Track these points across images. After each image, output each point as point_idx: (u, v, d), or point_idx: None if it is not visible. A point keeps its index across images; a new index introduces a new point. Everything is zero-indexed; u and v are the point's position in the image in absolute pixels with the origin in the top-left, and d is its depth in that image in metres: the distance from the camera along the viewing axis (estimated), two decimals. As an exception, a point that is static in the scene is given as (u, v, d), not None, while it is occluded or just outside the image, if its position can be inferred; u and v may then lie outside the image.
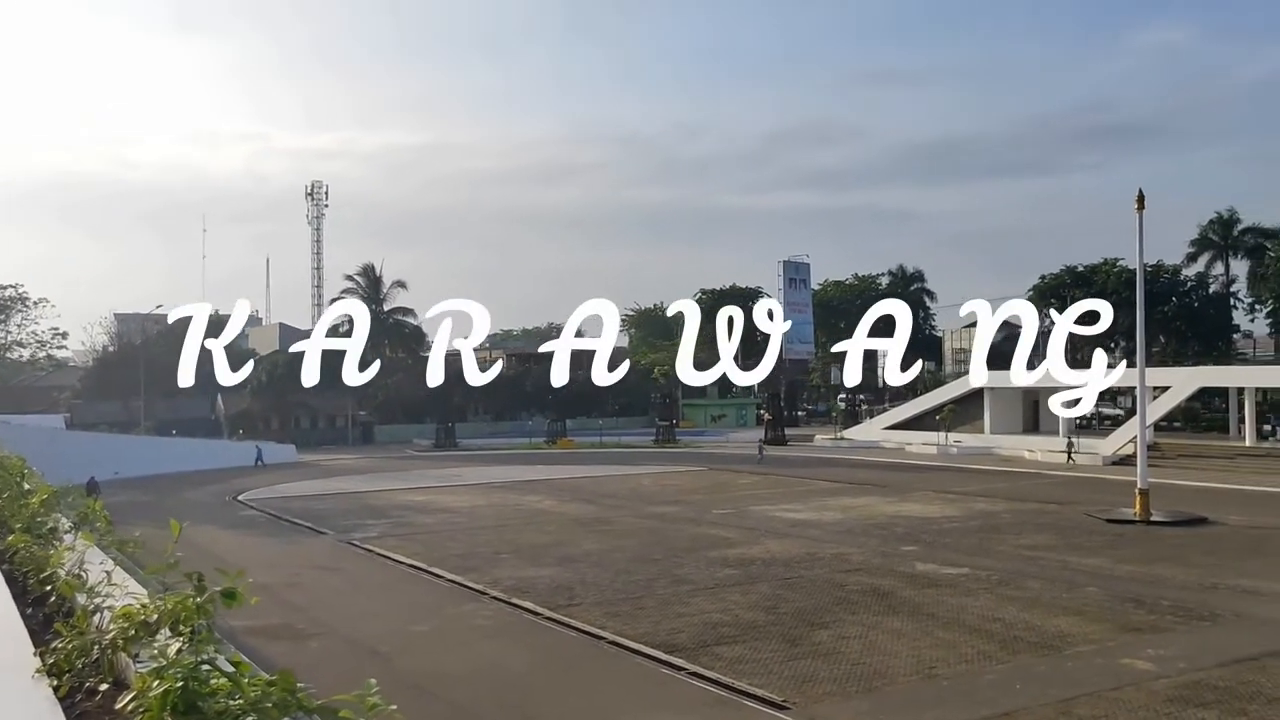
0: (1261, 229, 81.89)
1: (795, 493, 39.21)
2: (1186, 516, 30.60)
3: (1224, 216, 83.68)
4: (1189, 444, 53.19)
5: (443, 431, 71.08)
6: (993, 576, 21.87)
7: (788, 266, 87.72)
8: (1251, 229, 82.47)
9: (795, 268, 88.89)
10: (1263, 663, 15.08)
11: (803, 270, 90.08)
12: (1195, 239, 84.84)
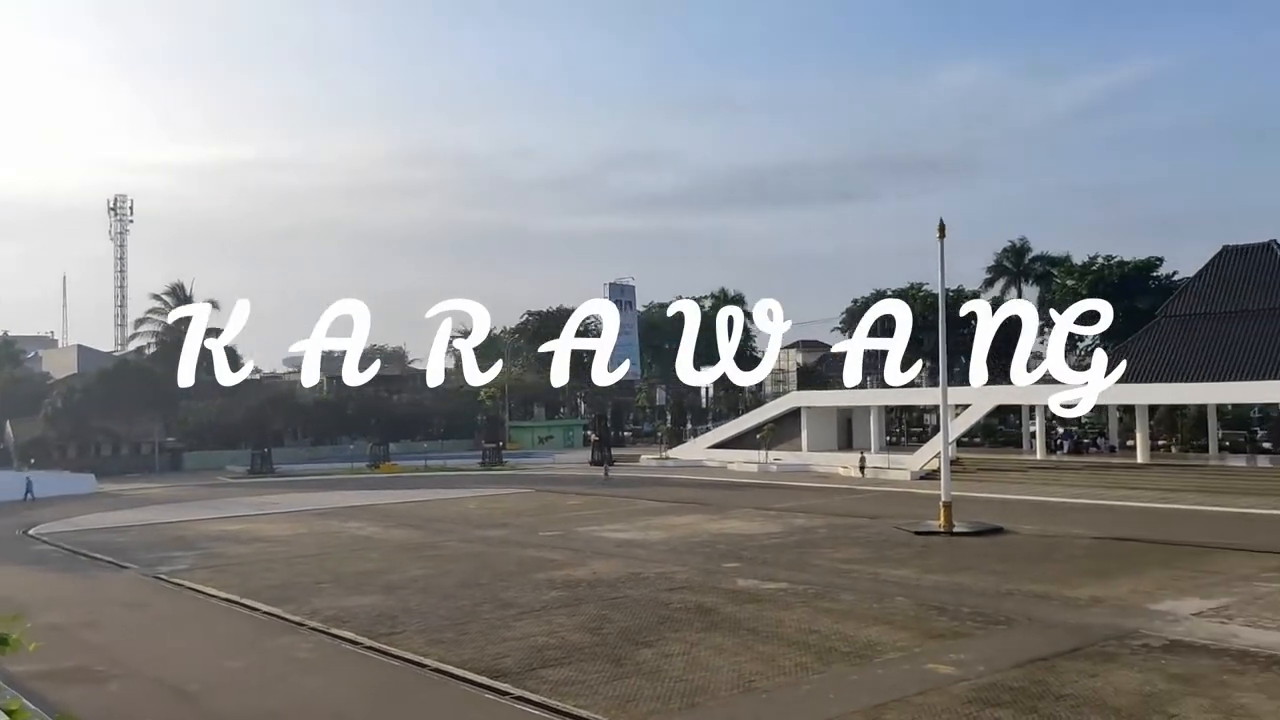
0: (1049, 257, 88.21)
1: (621, 513, 39.58)
2: (985, 527, 32.52)
3: (1016, 245, 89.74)
4: (988, 458, 56.57)
5: (258, 457, 68.23)
6: (810, 590, 22.66)
7: (613, 289, 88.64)
8: (1040, 257, 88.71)
9: (620, 290, 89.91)
10: (1052, 663, 16.18)
11: (628, 293, 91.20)
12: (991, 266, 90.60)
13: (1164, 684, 14.90)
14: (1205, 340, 51.35)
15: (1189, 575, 23.86)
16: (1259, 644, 17.22)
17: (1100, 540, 29.97)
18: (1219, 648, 17.02)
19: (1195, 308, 54.07)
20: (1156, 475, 47.32)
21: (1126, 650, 16.98)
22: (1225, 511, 37.02)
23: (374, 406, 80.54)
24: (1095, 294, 77.10)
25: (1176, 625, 18.74)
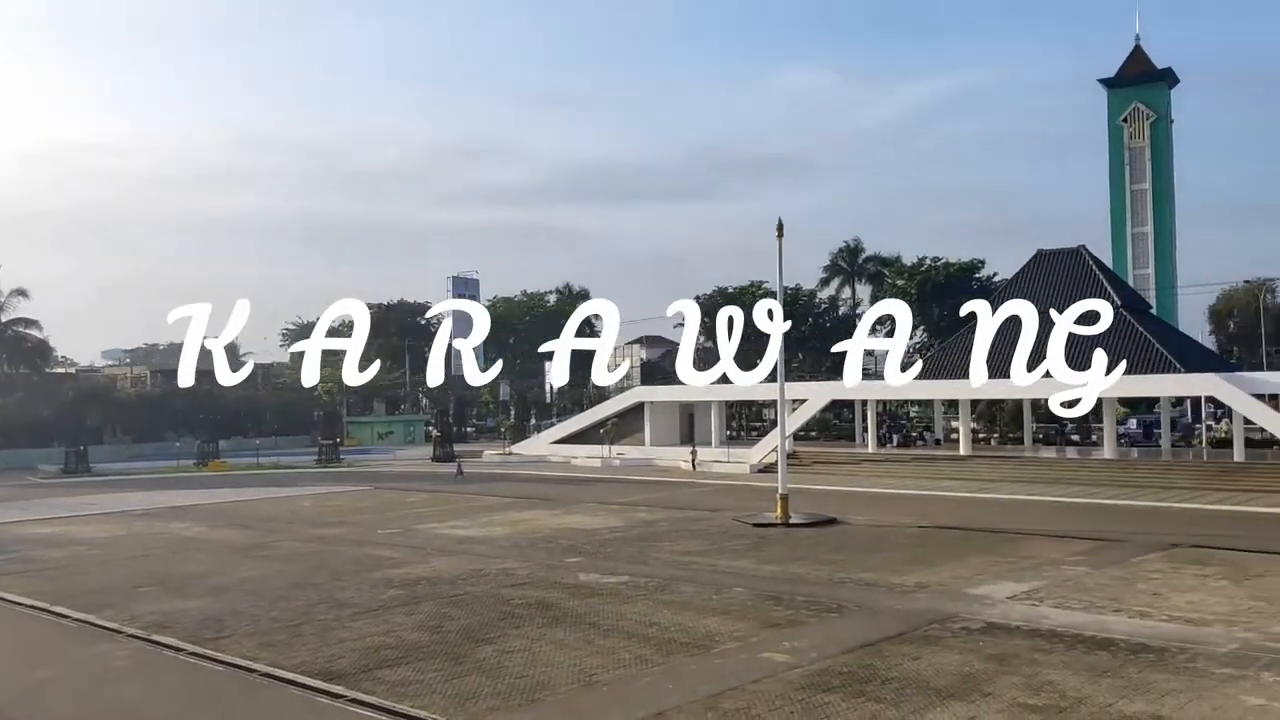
0: (881, 258, 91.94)
1: (463, 509, 39.11)
2: (820, 518, 33.60)
3: (851, 245, 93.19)
4: (823, 451, 58.45)
5: (74, 455, 64.26)
6: (650, 583, 22.91)
7: (457, 282, 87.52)
8: (873, 257, 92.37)
9: (465, 283, 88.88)
10: (879, 647, 16.84)
11: (472, 286, 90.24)
12: (828, 265, 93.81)
13: (981, 664, 15.71)
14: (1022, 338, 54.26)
15: (1005, 561, 25.23)
16: (1066, 624, 18.36)
17: (926, 529, 31.37)
18: (1030, 629, 18.06)
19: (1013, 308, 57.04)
20: (977, 466, 49.88)
21: (948, 633, 17.82)
22: (1038, 500, 39.33)
23: (203, 402, 77.04)
24: (923, 294, 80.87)
25: (993, 608, 19.79)
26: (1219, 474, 43.91)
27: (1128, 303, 55.48)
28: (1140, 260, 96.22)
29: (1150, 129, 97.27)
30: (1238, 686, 14.39)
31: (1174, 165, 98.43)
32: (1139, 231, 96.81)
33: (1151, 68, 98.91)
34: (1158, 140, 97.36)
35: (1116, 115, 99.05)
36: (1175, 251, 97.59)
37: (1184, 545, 27.25)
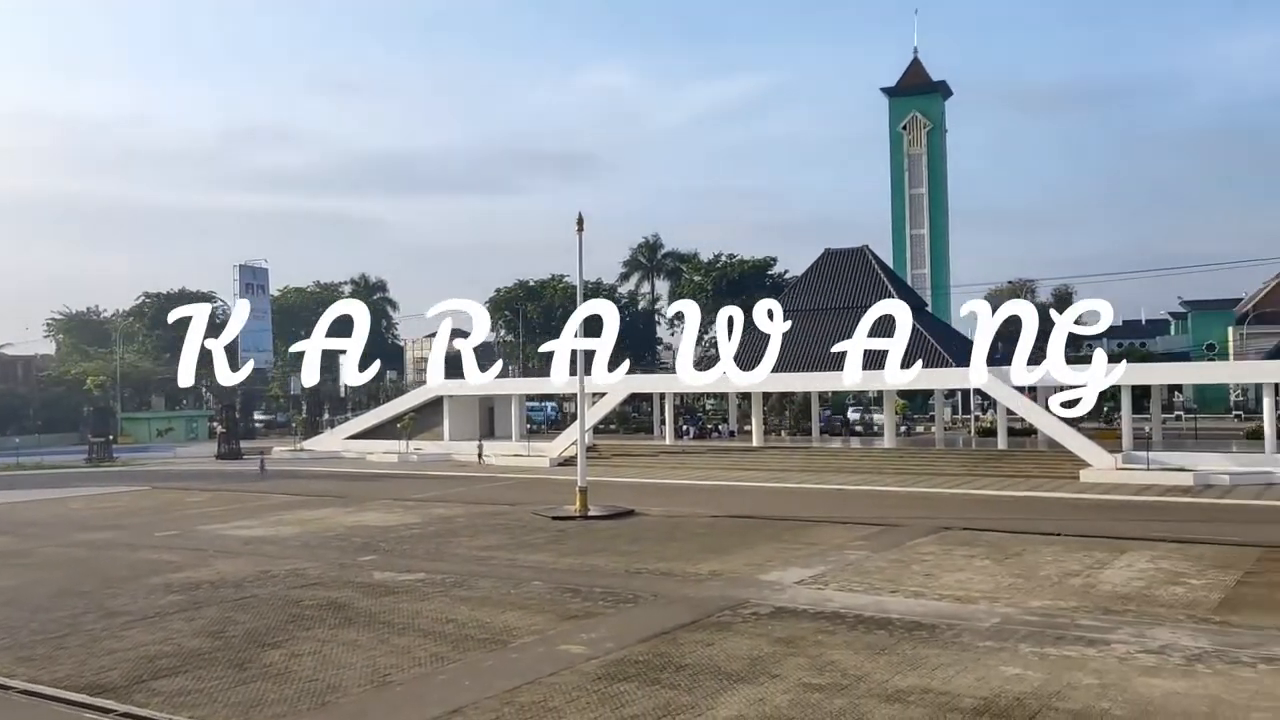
0: (679, 254, 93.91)
1: (249, 509, 37.41)
2: (618, 510, 34.03)
3: (650, 241, 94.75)
4: (622, 444, 59.27)
5: None
6: (448, 579, 22.59)
7: (244, 271, 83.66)
8: (671, 254, 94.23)
9: (253, 272, 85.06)
10: (674, 635, 17.21)
11: (261, 275, 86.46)
12: (627, 260, 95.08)
13: (770, 647, 16.31)
14: (811, 333, 56.77)
15: (794, 547, 26.29)
16: (848, 606, 19.31)
17: (720, 518, 32.30)
18: (816, 611, 18.89)
19: (802, 304, 59.61)
20: (769, 457, 51.78)
21: (739, 619, 18.40)
22: (825, 488, 41.21)
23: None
24: (719, 290, 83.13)
25: (782, 593, 20.58)
26: (985, 461, 47.23)
27: (906, 301, 58.84)
28: (918, 260, 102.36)
29: (927, 137, 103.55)
30: (998, 658, 15.52)
31: (948, 172, 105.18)
32: (917, 233, 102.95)
33: (928, 79, 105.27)
34: (933, 148, 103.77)
35: (897, 123, 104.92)
36: (949, 253, 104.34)
37: (954, 528, 29.16)
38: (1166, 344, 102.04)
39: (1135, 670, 14.75)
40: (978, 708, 13.15)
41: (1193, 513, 32.40)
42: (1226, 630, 17.05)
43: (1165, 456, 42.95)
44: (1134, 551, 24.74)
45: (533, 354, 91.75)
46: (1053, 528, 28.85)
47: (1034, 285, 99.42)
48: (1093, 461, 42.53)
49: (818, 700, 13.56)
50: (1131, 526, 29.09)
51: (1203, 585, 20.71)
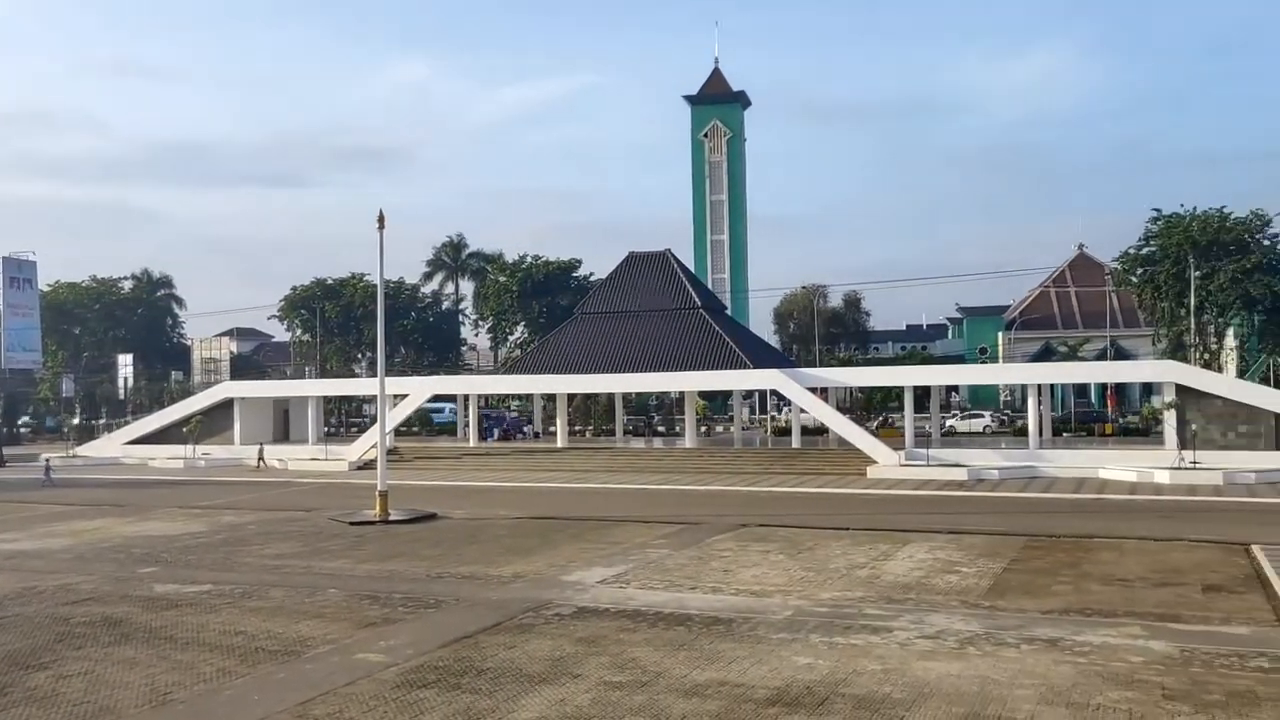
0: (484, 254, 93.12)
1: (14, 520, 34.57)
2: (420, 514, 33.41)
3: (454, 241, 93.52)
4: (425, 446, 58.20)
5: None
6: (237, 590, 21.58)
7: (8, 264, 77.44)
8: (476, 254, 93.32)
9: (18, 265, 78.85)
10: (476, 639, 17.04)
11: (27, 269, 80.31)
12: (431, 260, 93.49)
13: (572, 647, 16.38)
14: (615, 335, 57.47)
15: (597, 547, 26.52)
16: (649, 603, 19.64)
17: (523, 520, 32.21)
18: (618, 610, 19.11)
19: (607, 306, 60.27)
20: (573, 458, 52.04)
21: (541, 620, 18.40)
22: (628, 488, 41.78)
23: None
24: (524, 291, 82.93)
25: (584, 593, 20.71)
26: (780, 459, 49.05)
27: (707, 304, 60.45)
28: (718, 265, 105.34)
29: (727, 145, 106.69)
30: (791, 648, 16.14)
31: (746, 179, 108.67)
32: (717, 239, 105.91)
33: (728, 89, 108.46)
34: (733, 156, 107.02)
35: (698, 130, 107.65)
36: (747, 257, 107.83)
37: (751, 525, 30.14)
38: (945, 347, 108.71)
39: (914, 655, 15.65)
40: (770, 697, 13.63)
41: (966, 505, 34.67)
42: (994, 614, 18.33)
43: (943, 453, 45.79)
44: (915, 543, 26.24)
45: (331, 354, 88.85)
46: (842, 522, 30.24)
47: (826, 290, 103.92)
48: (878, 459, 44.84)
49: (618, 698, 13.72)
50: (913, 519, 30.86)
51: (974, 573, 22.19)
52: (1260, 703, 13.09)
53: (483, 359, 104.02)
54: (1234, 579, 21.08)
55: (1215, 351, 64.71)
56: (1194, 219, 62.11)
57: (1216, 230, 60.89)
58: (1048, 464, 43.41)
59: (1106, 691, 13.64)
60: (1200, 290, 60.60)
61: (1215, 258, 60.40)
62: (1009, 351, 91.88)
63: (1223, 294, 59.96)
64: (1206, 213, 62.41)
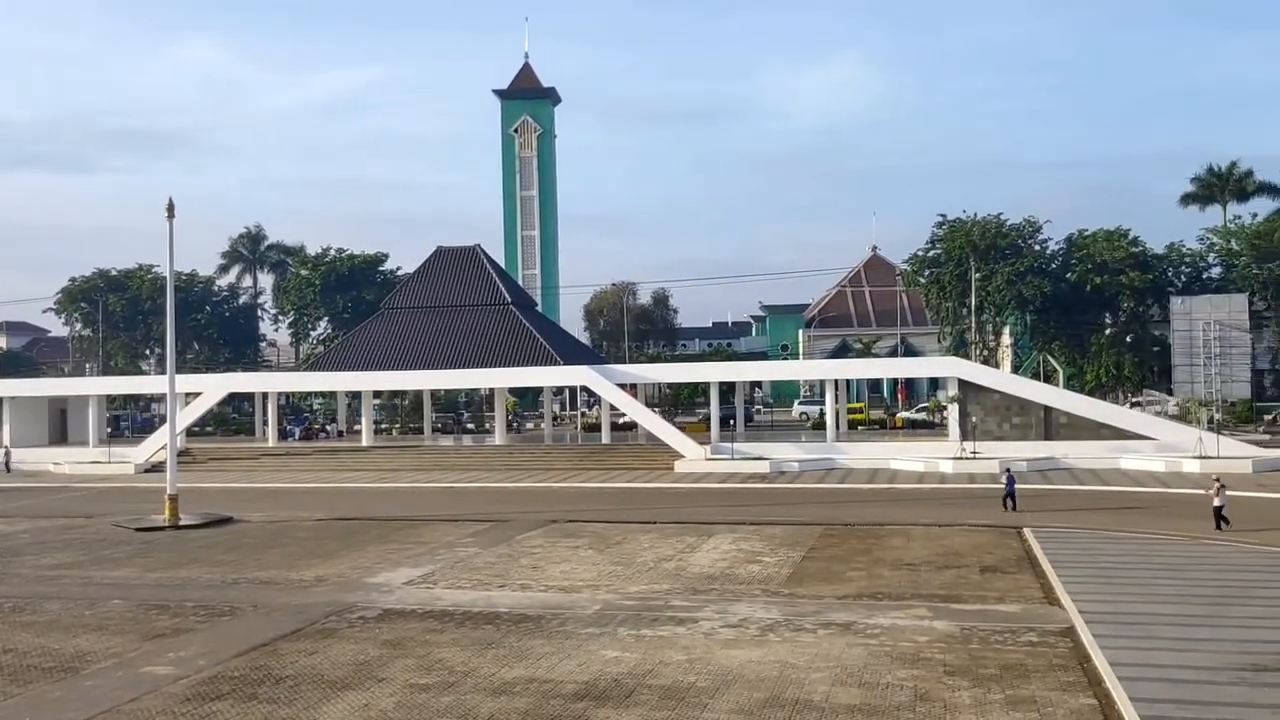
0: (285, 246, 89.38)
1: None
2: (214, 518, 31.84)
3: (252, 232, 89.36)
4: (221, 447, 55.44)
5: None
6: (6, 604, 20.01)
7: None
8: (276, 245, 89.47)
9: None
10: (275, 646, 16.40)
11: None
12: (227, 251, 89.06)
13: (377, 651, 16.01)
14: (422, 331, 56.44)
15: (403, 548, 25.99)
16: (457, 603, 19.42)
17: (326, 522, 31.20)
18: (425, 611, 18.81)
19: (414, 301, 59.09)
20: (379, 457, 50.77)
21: (345, 624, 17.89)
22: (437, 487, 41.11)
23: None
24: (327, 285, 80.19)
25: (390, 595, 20.27)
26: (590, 455, 49.38)
27: (517, 300, 60.21)
28: (529, 261, 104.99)
29: (537, 141, 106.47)
30: (599, 643, 16.30)
31: (557, 176, 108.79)
32: (528, 234, 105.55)
33: (538, 84, 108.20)
34: (543, 152, 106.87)
35: (509, 125, 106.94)
36: (557, 254, 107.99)
37: (560, 521, 30.24)
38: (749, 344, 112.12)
39: (718, 644, 16.10)
40: (578, 692, 13.73)
41: (768, 497, 35.89)
42: (793, 601, 19.07)
43: (747, 447, 47.22)
44: (720, 535, 26.98)
45: (116, 350, 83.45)
46: (650, 516, 30.75)
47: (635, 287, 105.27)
48: (685, 453, 45.81)
49: (424, 700, 13.51)
50: (718, 512, 31.70)
51: (775, 562, 23.02)
52: (1029, 674, 14.15)
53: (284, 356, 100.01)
54: (1008, 560, 22.69)
55: (993, 348, 69.33)
56: (975, 224, 66.22)
57: (994, 235, 65.13)
58: (844, 456, 45.46)
59: (895, 670, 14.43)
60: (980, 291, 64.74)
61: (993, 261, 64.60)
62: (809, 348, 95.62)
63: (1000, 295, 64.23)
64: (986, 218, 66.71)
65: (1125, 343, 63.09)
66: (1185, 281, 62.75)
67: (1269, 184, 69.50)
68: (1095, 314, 64.98)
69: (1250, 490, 33.10)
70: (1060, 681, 13.76)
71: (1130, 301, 63.01)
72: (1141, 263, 61.83)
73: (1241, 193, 70.95)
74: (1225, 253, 63.74)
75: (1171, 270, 63.98)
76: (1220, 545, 23.71)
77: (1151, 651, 14.72)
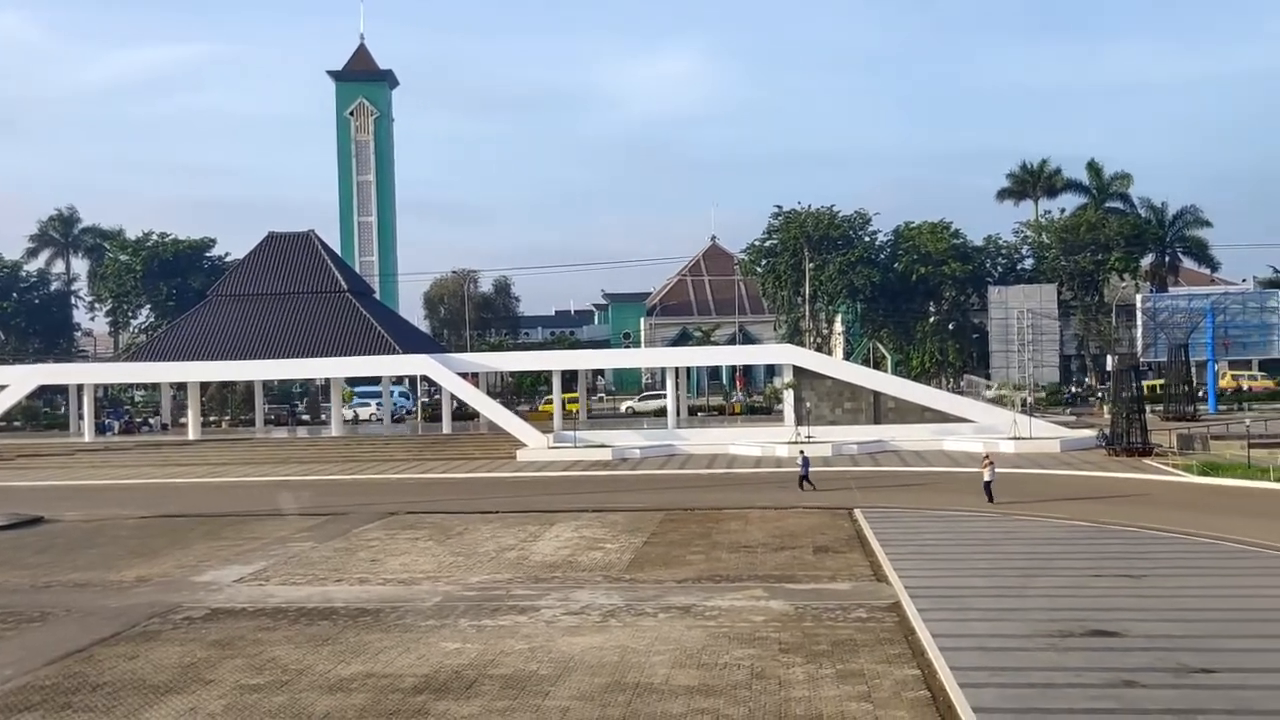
0: (101, 230, 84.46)
1: None
2: (22, 518, 29.93)
3: (64, 214, 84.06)
4: (31, 443, 52.02)
5: None
6: None
7: None
8: (91, 229, 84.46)
9: None
10: (90, 652, 15.54)
11: None
12: (36, 235, 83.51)
13: (204, 652, 15.37)
14: (253, 319, 54.32)
15: (233, 544, 25.01)
16: (291, 599, 18.83)
17: (150, 519, 29.74)
18: (256, 609, 18.17)
19: (245, 289, 56.80)
20: (207, 451, 48.65)
21: (169, 626, 17.11)
22: (269, 480, 39.66)
23: None
24: (150, 271, 76.20)
25: (219, 594, 19.49)
26: (431, 445, 48.62)
27: (354, 287, 58.66)
28: (366, 247, 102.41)
29: (374, 125, 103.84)
30: (439, 635, 16.10)
31: (395, 161, 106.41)
32: (365, 220, 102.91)
33: (375, 67, 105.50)
34: (381, 136, 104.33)
35: (344, 107, 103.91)
36: (396, 241, 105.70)
37: (400, 513, 29.70)
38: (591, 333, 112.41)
39: (560, 631, 16.14)
40: (418, 685, 13.54)
41: (611, 484, 36.14)
42: (635, 586, 19.30)
43: (590, 434, 47.41)
44: (562, 523, 27.03)
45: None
46: (492, 506, 30.53)
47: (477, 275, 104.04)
48: (528, 441, 45.63)
49: (256, 701, 13.06)
50: (560, 500, 31.74)
51: (617, 548, 23.22)
52: (859, 648, 14.74)
53: (102, 346, 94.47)
54: (839, 540, 23.55)
55: (826, 336, 71.77)
56: (809, 215, 68.35)
57: (827, 227, 67.39)
58: (684, 442, 46.19)
59: (732, 650, 14.79)
60: (814, 280, 66.89)
61: (826, 251, 66.85)
62: (650, 336, 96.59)
63: (832, 284, 66.51)
64: (819, 210, 68.91)
65: (948, 330, 66.33)
66: (1001, 272, 66.42)
67: (1076, 181, 74.15)
68: (920, 303, 68.07)
69: (1057, 469, 35.43)
70: (887, 654, 14.39)
71: (952, 291, 66.24)
72: (962, 254, 65.07)
73: (1051, 189, 75.50)
74: (1037, 245, 67.76)
75: (989, 261, 67.62)
76: (1028, 520, 25.24)
77: (969, 622, 15.56)
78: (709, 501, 30.34)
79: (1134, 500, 28.30)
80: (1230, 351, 58.00)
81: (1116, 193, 72.02)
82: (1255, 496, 28.38)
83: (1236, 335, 56.49)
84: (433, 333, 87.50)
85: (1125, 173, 72.14)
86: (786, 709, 12.30)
